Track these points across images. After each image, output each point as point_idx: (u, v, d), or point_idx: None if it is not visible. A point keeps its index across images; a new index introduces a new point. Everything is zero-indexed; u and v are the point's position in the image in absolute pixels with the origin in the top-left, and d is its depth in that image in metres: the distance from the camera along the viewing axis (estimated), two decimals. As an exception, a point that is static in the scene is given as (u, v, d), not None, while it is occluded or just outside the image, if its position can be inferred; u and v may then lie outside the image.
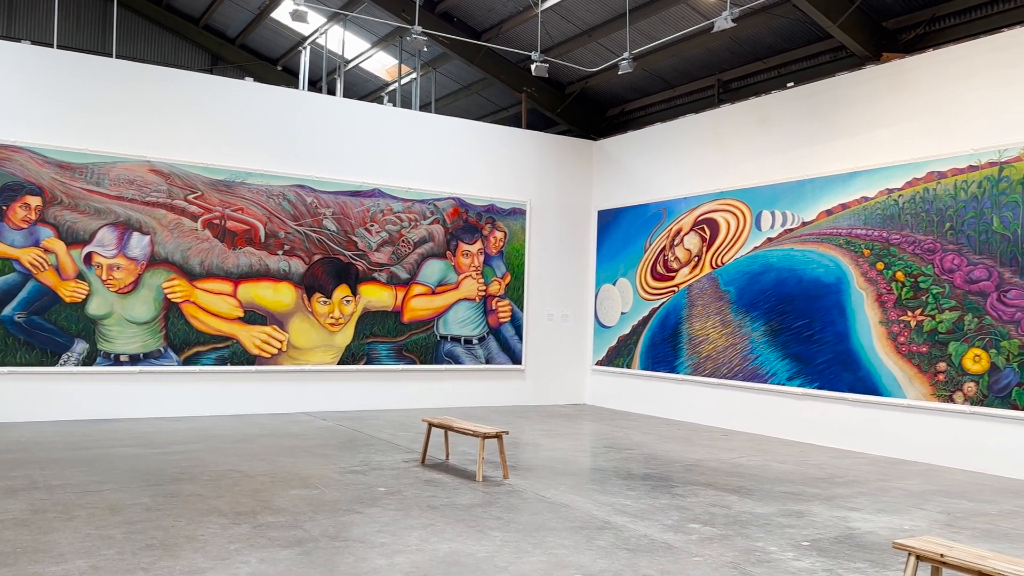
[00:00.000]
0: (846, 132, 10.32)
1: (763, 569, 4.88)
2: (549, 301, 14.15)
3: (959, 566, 3.72)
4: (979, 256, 8.67)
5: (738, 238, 11.65)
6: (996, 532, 5.97)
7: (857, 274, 9.92)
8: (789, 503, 6.73)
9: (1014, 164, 8.44)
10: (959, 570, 3.72)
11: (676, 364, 12.49)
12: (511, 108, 17.28)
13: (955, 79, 9.15)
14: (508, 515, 6.03)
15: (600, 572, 4.72)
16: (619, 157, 14.18)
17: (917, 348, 9.17)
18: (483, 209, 13.47)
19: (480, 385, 13.36)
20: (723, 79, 13.73)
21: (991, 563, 3.66)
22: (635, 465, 8.33)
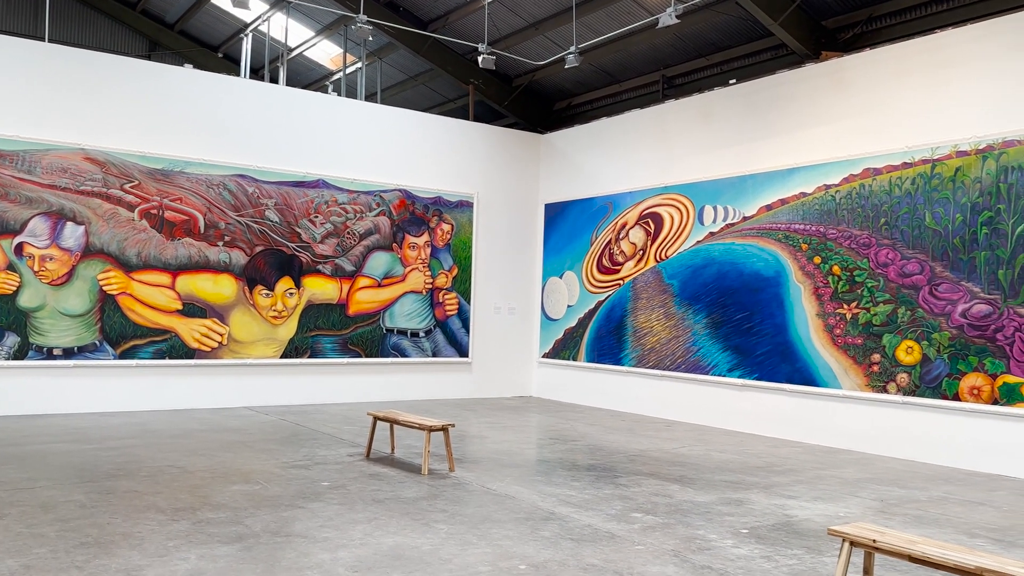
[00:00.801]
0: (786, 129, 10.55)
1: (703, 556, 4.98)
2: (496, 294, 14.16)
3: (890, 551, 3.85)
4: (912, 251, 8.96)
5: (681, 232, 11.82)
6: (926, 518, 6.19)
7: (795, 268, 10.16)
8: (729, 492, 6.87)
9: (945, 162, 8.74)
10: (890, 555, 3.84)
11: (621, 356, 12.62)
12: (458, 100, 17.21)
13: (891, 78, 9.42)
14: (453, 507, 6.02)
15: (544, 562, 4.75)
16: (566, 151, 14.25)
17: (852, 340, 9.43)
18: (430, 201, 13.40)
19: (427, 378, 13.31)
20: (668, 75, 13.89)
21: (920, 548, 3.79)
22: (580, 456, 8.41)
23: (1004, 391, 8.07)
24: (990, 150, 8.36)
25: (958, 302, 8.48)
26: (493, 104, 15.79)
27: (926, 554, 3.71)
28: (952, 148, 8.68)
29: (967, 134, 8.60)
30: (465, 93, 16.22)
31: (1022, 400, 7.92)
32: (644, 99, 14.23)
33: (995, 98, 8.44)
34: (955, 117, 8.75)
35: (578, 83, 15.20)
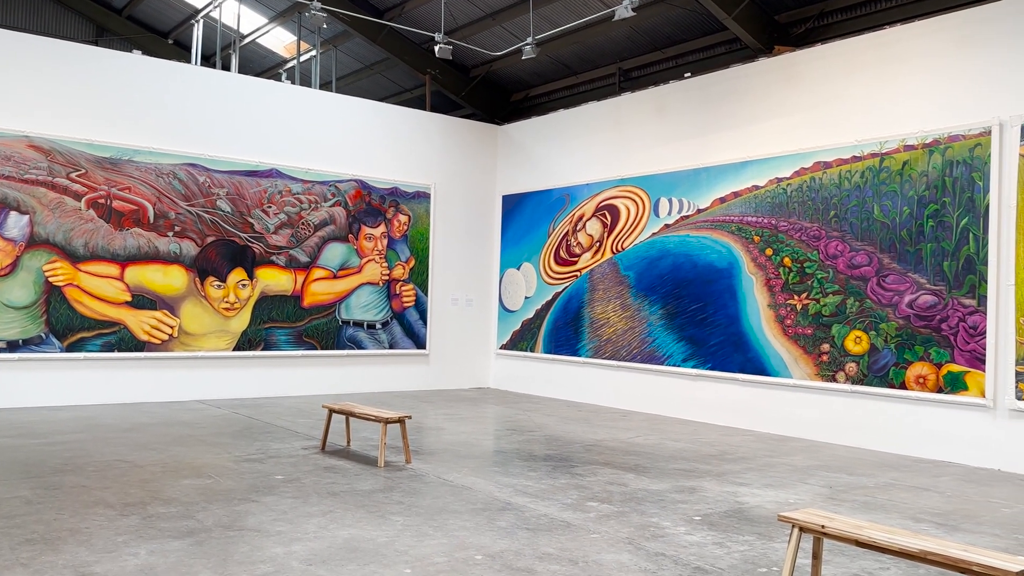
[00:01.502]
0: (739, 122, 10.69)
1: (657, 544, 5.04)
2: (454, 286, 14.12)
3: (838, 536, 3.94)
4: (861, 243, 9.16)
5: (638, 224, 11.92)
6: (873, 504, 6.35)
7: (748, 260, 10.32)
8: (682, 480, 6.97)
9: (894, 155, 8.94)
10: (838, 540, 3.94)
11: (578, 347, 12.70)
12: (415, 90, 17.09)
13: (841, 73, 9.60)
14: (410, 499, 6.00)
15: (501, 552, 4.77)
16: (523, 142, 14.25)
17: (803, 330, 9.62)
18: (387, 192, 13.30)
19: (383, 370, 13.23)
20: (624, 68, 13.97)
21: (867, 532, 3.88)
22: (537, 447, 8.44)
23: (948, 380, 8.31)
24: (936, 144, 8.58)
25: (905, 293, 8.70)
26: (450, 95, 15.71)
27: (872, 539, 3.81)
28: (900, 142, 8.89)
29: (914, 129, 8.81)
30: (422, 83, 16.11)
31: (966, 388, 8.17)
32: (601, 91, 14.29)
33: (941, 93, 8.66)
34: (903, 112, 8.95)
35: (535, 75, 15.20)
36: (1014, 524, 5.81)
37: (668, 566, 4.62)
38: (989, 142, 8.14)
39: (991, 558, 3.50)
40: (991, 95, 8.24)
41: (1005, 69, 8.16)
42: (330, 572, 4.36)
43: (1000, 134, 8.08)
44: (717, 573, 4.52)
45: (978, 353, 8.08)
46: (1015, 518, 5.99)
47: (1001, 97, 8.15)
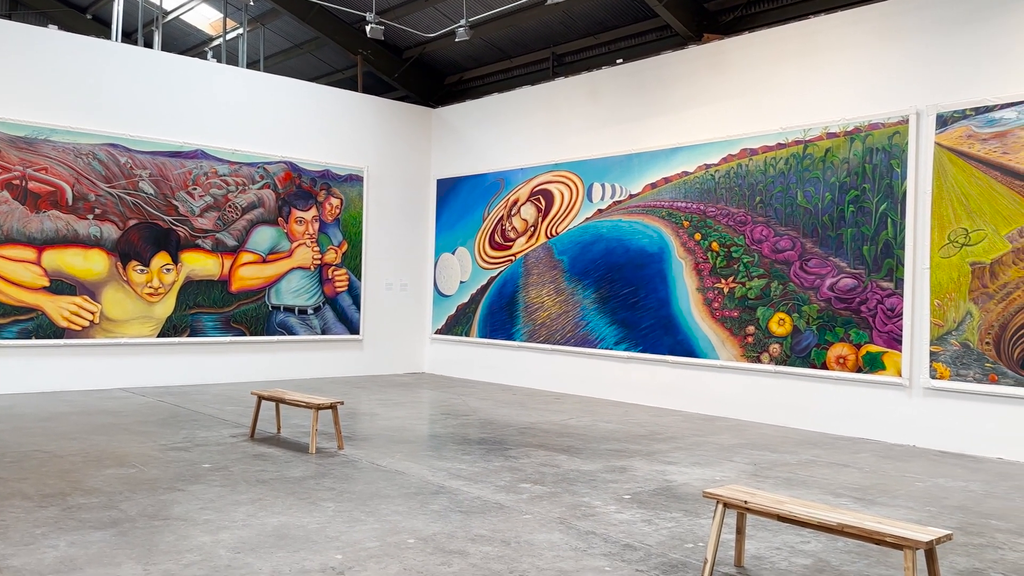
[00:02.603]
0: (669, 109, 10.84)
1: (588, 522, 5.12)
2: (388, 270, 13.99)
3: (760, 511, 4.07)
4: (785, 228, 9.42)
5: (571, 209, 12.00)
6: (795, 480, 6.57)
7: (677, 244, 10.51)
8: (613, 460, 7.09)
9: (817, 143, 9.21)
10: (761, 515, 4.06)
11: (513, 331, 12.75)
12: (346, 70, 16.80)
13: (767, 62, 9.82)
14: (342, 485, 5.95)
15: (433, 535, 4.77)
16: (457, 126, 14.17)
17: (729, 313, 9.87)
18: (318, 174, 13.07)
19: (316, 356, 13.05)
20: (557, 52, 14.00)
21: (787, 507, 4.02)
22: (471, 430, 8.47)
23: (867, 360, 8.64)
24: (857, 132, 8.86)
25: (826, 276, 9.00)
26: (383, 76, 15.50)
27: (793, 513, 3.95)
28: (823, 130, 9.15)
29: (836, 117, 9.08)
30: (353, 64, 15.85)
31: (883, 368, 8.51)
32: (535, 76, 14.30)
33: (861, 83, 8.94)
34: (825, 100, 9.22)
35: (469, 58, 15.11)
36: (927, 497, 6.10)
37: (598, 544, 4.70)
38: (907, 130, 8.46)
39: (904, 529, 3.67)
40: (909, 85, 8.55)
41: (922, 60, 8.48)
42: (259, 559, 4.30)
43: (917, 123, 8.40)
44: (645, 550, 4.62)
45: (895, 334, 8.42)
46: (928, 491, 6.28)
47: (918, 87, 8.47)
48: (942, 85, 8.28)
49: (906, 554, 3.53)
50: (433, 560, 4.34)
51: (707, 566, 4.23)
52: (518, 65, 14.75)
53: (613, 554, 4.53)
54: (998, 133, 7.80)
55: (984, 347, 7.79)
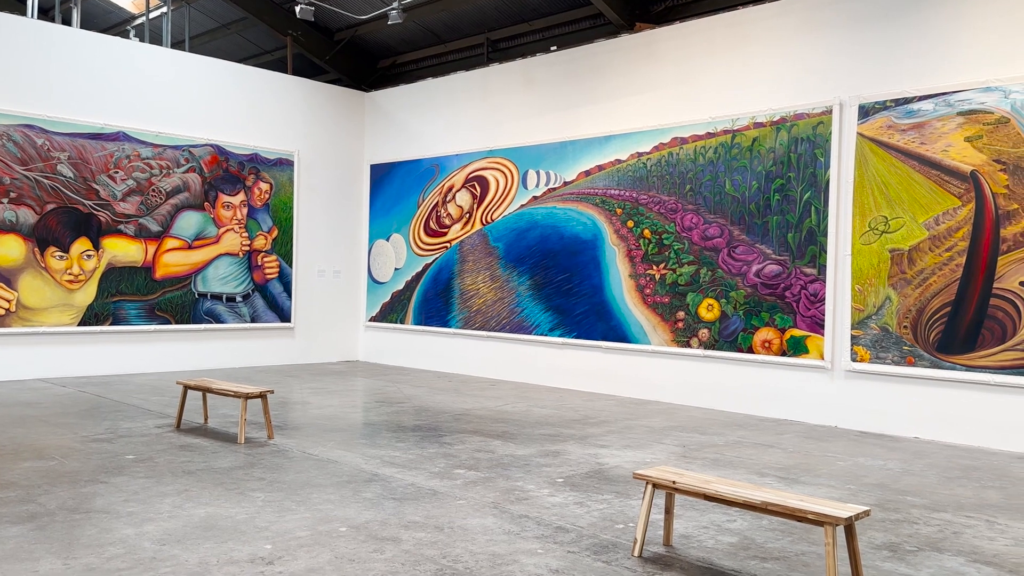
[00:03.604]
0: (603, 97, 10.93)
1: (521, 506, 5.16)
2: (320, 257, 13.77)
3: (688, 491, 4.16)
4: (713, 216, 9.62)
5: (507, 196, 12.01)
6: (722, 460, 6.74)
7: (611, 231, 10.63)
8: (547, 444, 7.15)
9: (744, 132, 9.41)
10: (688, 494, 4.16)
11: (448, 318, 12.71)
12: (275, 52, 16.40)
13: (697, 52, 9.97)
14: (271, 475, 5.85)
15: (366, 523, 4.74)
16: (391, 110, 14.01)
17: (660, 299, 10.04)
18: (246, 158, 12.75)
19: (245, 345, 12.77)
20: (492, 38, 13.94)
21: (714, 486, 4.12)
22: (406, 418, 8.42)
23: (791, 343, 8.90)
24: (783, 122, 9.09)
25: (753, 263, 9.23)
26: (313, 58, 15.18)
27: (719, 492, 4.05)
28: (750, 120, 9.36)
29: (763, 107, 9.30)
30: (282, 45, 15.48)
31: (806, 352, 8.78)
32: (469, 61, 14.22)
33: (788, 74, 9.16)
34: (753, 91, 9.42)
35: (403, 41, 14.93)
36: (848, 476, 6.33)
37: (531, 527, 4.74)
38: (830, 121, 8.71)
39: (824, 506, 3.80)
40: (832, 77, 8.80)
41: (845, 53, 8.73)
42: (186, 551, 4.19)
43: (840, 113, 8.66)
44: (577, 531, 4.68)
45: (818, 319, 8.70)
46: (849, 470, 6.52)
47: (841, 79, 8.72)
48: (864, 77, 8.55)
49: (826, 530, 3.66)
50: (365, 548, 4.31)
51: (637, 545, 4.31)
52: (452, 50, 14.64)
53: (546, 536, 4.57)
54: (916, 124, 8.10)
55: (902, 331, 8.11)
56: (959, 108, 7.85)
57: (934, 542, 4.68)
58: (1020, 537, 4.82)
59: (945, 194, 7.89)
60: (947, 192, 7.89)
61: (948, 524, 5.04)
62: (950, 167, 7.88)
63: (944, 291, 7.85)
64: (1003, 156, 7.57)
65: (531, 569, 4.06)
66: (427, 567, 4.04)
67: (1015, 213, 7.48)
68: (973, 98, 7.77)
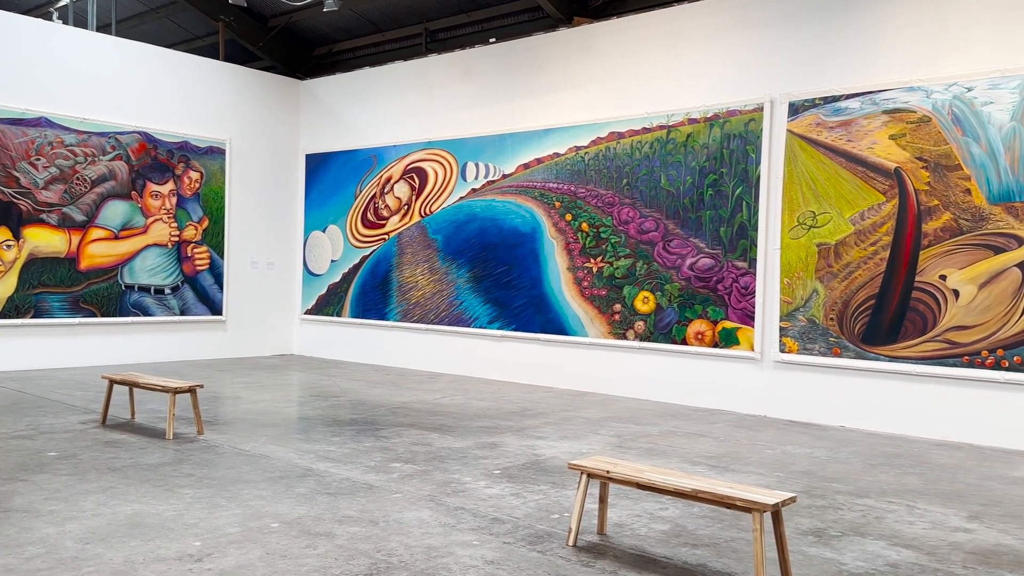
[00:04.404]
0: (541, 90, 10.96)
1: (458, 498, 5.15)
2: (253, 248, 13.48)
3: (622, 480, 4.21)
4: (649, 210, 9.75)
5: (446, 188, 11.95)
6: (656, 450, 6.85)
7: (549, 224, 10.68)
8: (485, 436, 7.16)
9: (679, 128, 9.55)
10: (622, 483, 4.21)
11: (386, 311, 12.60)
12: (207, 38, 15.96)
13: (634, 47, 10.08)
14: (201, 471, 5.72)
15: (299, 518, 4.67)
16: (327, 99, 13.78)
17: (598, 292, 10.14)
18: (175, 146, 12.38)
19: (175, 338, 12.43)
20: (430, 28, 13.84)
21: (647, 476, 4.19)
22: (342, 412, 8.32)
23: (723, 335, 9.10)
24: (716, 119, 9.26)
25: (687, 256, 9.39)
26: (247, 44, 14.83)
27: (652, 481, 4.11)
28: (685, 116, 9.51)
29: (697, 103, 9.45)
30: (214, 31, 15.08)
31: (737, 343, 8.98)
32: (407, 51, 14.08)
33: (721, 70, 9.33)
34: (688, 87, 9.57)
35: (339, 29, 14.69)
36: (776, 463, 6.50)
37: (467, 519, 4.73)
38: (761, 118, 8.91)
39: (752, 493, 3.90)
40: (764, 74, 9.00)
41: (776, 50, 8.94)
42: (110, 550, 4.06)
43: (771, 110, 8.86)
44: (513, 522, 4.70)
45: (748, 311, 8.91)
46: (777, 458, 6.70)
47: (772, 76, 8.93)
48: (794, 75, 8.77)
49: (754, 516, 3.75)
50: (298, 543, 4.25)
51: (571, 535, 4.35)
52: (390, 39, 14.48)
53: (481, 528, 4.58)
54: (844, 122, 8.35)
55: (828, 323, 8.37)
56: (884, 107, 8.12)
57: (857, 527, 4.85)
58: (937, 521, 5.03)
59: (870, 190, 8.16)
60: (872, 188, 8.15)
61: (871, 509, 5.22)
62: (875, 164, 8.15)
63: (869, 284, 8.12)
64: (925, 154, 7.86)
65: (466, 561, 4.06)
66: (361, 561, 4.00)
67: (936, 209, 7.78)
68: (897, 97, 8.04)
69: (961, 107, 7.68)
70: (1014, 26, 7.50)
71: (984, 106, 7.56)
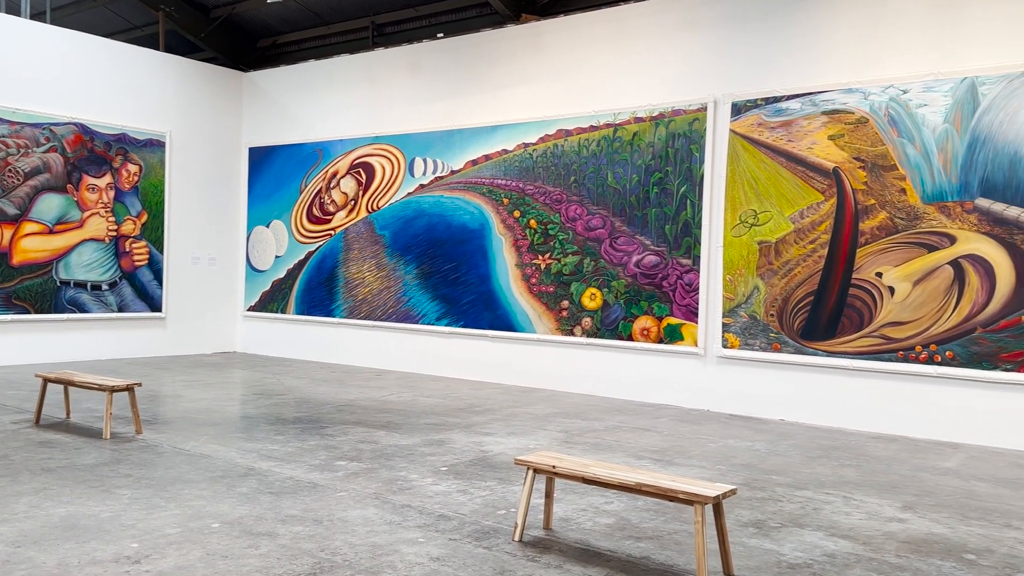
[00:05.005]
0: (490, 87, 10.95)
1: (403, 496, 5.12)
2: (194, 243, 13.18)
3: (567, 475, 4.24)
4: (596, 207, 9.83)
5: (393, 183, 11.86)
6: (602, 444, 6.92)
7: (498, 221, 10.68)
8: (432, 434, 7.13)
9: (625, 127, 9.64)
10: (568, 478, 4.24)
11: (332, 308, 12.45)
12: (146, 27, 15.54)
13: (581, 45, 10.14)
14: (139, 471, 5.57)
15: (240, 518, 4.58)
16: (271, 92, 13.55)
17: (546, 288, 10.18)
18: (113, 138, 12.03)
19: (113, 335, 12.09)
20: (377, 22, 13.71)
21: (592, 470, 4.22)
22: (286, 410, 8.20)
23: (668, 331, 9.22)
24: (661, 118, 9.37)
25: (633, 253, 9.49)
26: (187, 35, 14.48)
27: (596, 475, 4.15)
28: (631, 114, 9.60)
29: (643, 102, 9.55)
30: (154, 20, 14.69)
31: (682, 339, 9.12)
32: (354, 44, 13.92)
33: (667, 70, 9.45)
34: (634, 86, 9.67)
35: (284, 21, 14.45)
36: (718, 457, 6.62)
37: (413, 516, 4.71)
38: (705, 117, 9.05)
39: (694, 486, 3.96)
40: (708, 74, 9.14)
41: (720, 51, 9.08)
42: (43, 553, 3.93)
43: (714, 111, 9.01)
44: (459, 519, 4.69)
45: (692, 307, 9.05)
46: (719, 451, 6.83)
47: (716, 77, 9.07)
48: (737, 76, 8.93)
49: (696, 508, 3.81)
50: (239, 544, 4.17)
51: (517, 530, 4.37)
52: (336, 32, 14.29)
53: (427, 525, 4.56)
54: (784, 122, 8.53)
55: (769, 319, 8.55)
56: (823, 108, 8.32)
57: (796, 518, 4.97)
58: (873, 511, 5.18)
59: (809, 189, 8.36)
60: (811, 188, 8.35)
61: (809, 501, 5.36)
62: (814, 164, 8.34)
63: (808, 281, 8.32)
64: (862, 154, 8.08)
65: (411, 558, 4.04)
66: (304, 561, 3.95)
67: (872, 208, 8.01)
68: (836, 99, 8.25)
69: (897, 109, 7.92)
70: (947, 30, 7.76)
71: (919, 108, 7.81)
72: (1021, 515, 5.16)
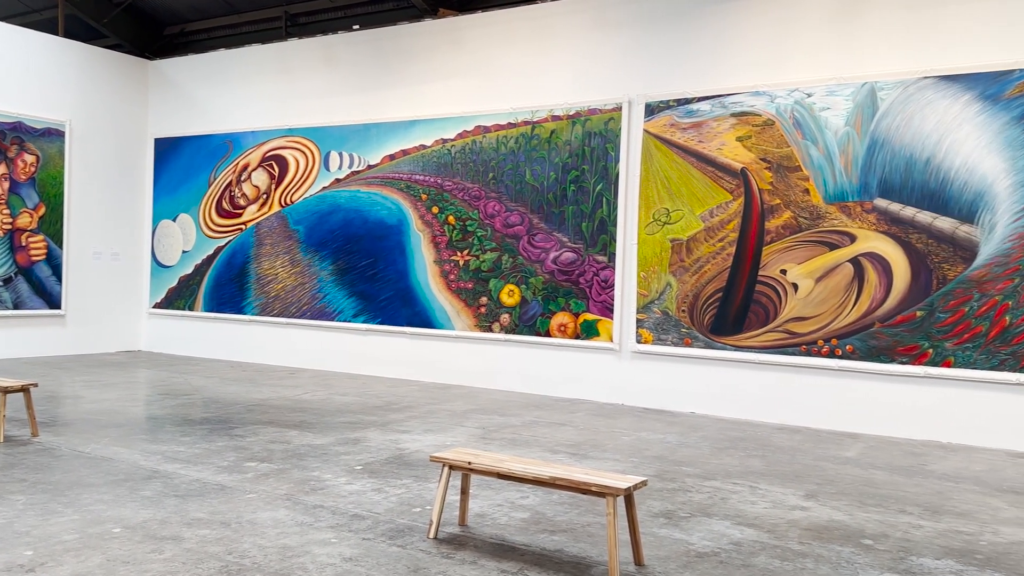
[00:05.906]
0: (408, 81, 10.85)
1: (316, 496, 5.03)
2: (96, 237, 12.61)
3: (483, 471, 4.25)
4: (515, 204, 9.86)
5: (307, 177, 11.62)
6: (519, 440, 6.95)
7: (416, 217, 10.60)
8: (347, 432, 7.03)
9: (543, 124, 9.71)
10: (483, 474, 4.25)
11: (243, 305, 12.12)
12: (44, 11, 14.76)
13: (499, 42, 10.15)
14: (35, 476, 5.30)
15: (143, 522, 4.41)
16: (179, 81, 13.07)
17: (464, 285, 10.16)
18: (8, 127, 11.39)
19: (7, 334, 11.45)
20: (291, 12, 13.40)
21: (507, 465, 4.24)
22: (193, 410, 7.94)
23: (584, 327, 9.34)
24: (578, 116, 9.48)
25: (550, 250, 9.57)
26: (89, 20, 13.83)
27: (511, 470, 4.17)
28: (548, 112, 9.67)
29: (560, 100, 9.64)
30: (53, 4, 13.97)
31: (597, 335, 9.25)
32: (266, 34, 13.57)
33: (583, 69, 9.56)
34: (552, 84, 9.74)
35: (192, 8, 13.97)
36: (632, 449, 6.75)
37: (326, 517, 4.63)
38: (620, 117, 9.20)
39: (607, 479, 4.02)
40: (623, 74, 9.28)
41: (634, 52, 9.24)
42: (-78, 568, 3.70)
43: (629, 110, 9.16)
44: (374, 518, 4.64)
45: (608, 303, 9.19)
46: (632, 444, 6.96)
47: (630, 77, 9.23)
48: (651, 77, 9.10)
49: (608, 501, 3.87)
50: (142, 548, 4.01)
51: (432, 527, 4.35)
52: (247, 21, 13.90)
53: (340, 525, 4.49)
54: (695, 123, 8.75)
55: (680, 314, 8.76)
56: (732, 110, 8.57)
57: (705, 508, 5.10)
58: (777, 500, 5.38)
59: (719, 189, 8.60)
60: (720, 187, 8.59)
61: (717, 491, 5.52)
62: (723, 164, 8.59)
63: (717, 278, 8.56)
64: (768, 155, 8.36)
65: (323, 559, 3.97)
66: (211, 564, 3.83)
67: (778, 208, 8.30)
68: (744, 101, 8.51)
69: (802, 112, 8.22)
70: (850, 36, 8.10)
71: (822, 111, 8.13)
72: (915, 501, 5.44)
